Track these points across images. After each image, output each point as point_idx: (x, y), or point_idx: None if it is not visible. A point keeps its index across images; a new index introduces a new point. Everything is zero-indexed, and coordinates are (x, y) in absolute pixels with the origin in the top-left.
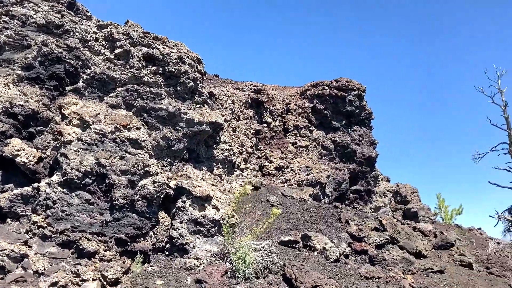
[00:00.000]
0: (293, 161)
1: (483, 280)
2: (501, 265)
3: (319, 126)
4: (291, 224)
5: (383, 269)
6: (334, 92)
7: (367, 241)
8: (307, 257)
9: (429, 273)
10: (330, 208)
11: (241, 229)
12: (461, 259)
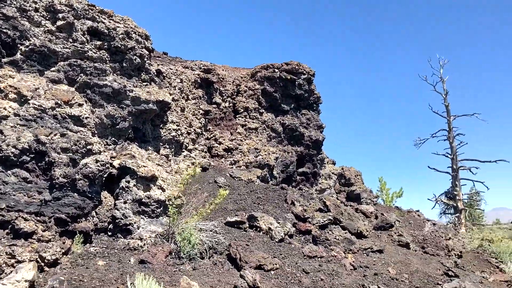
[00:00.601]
0: (242, 143)
1: (418, 259)
2: (435, 245)
3: (268, 108)
4: (238, 205)
5: (325, 248)
6: (284, 75)
7: (311, 221)
8: (252, 237)
9: (369, 252)
10: (277, 190)
11: (187, 210)
12: (399, 239)
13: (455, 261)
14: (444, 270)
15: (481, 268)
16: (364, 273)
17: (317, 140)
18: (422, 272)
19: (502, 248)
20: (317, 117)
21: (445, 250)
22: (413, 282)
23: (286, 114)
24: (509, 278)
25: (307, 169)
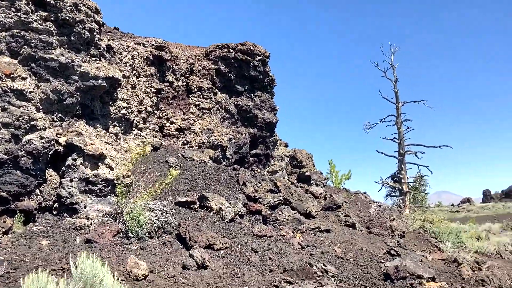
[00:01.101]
0: (195, 123)
1: (363, 239)
2: (380, 226)
3: (223, 89)
4: (189, 185)
5: (275, 228)
6: (239, 56)
7: (262, 202)
8: (203, 217)
9: (317, 232)
10: (229, 171)
11: (137, 189)
12: (346, 220)
13: (397, 241)
14: (387, 249)
15: (422, 247)
16: (311, 252)
17: (271, 122)
18: (367, 251)
19: (442, 229)
20: (271, 99)
21: (389, 230)
22: (358, 261)
23: (240, 95)
24: (446, 257)
25: (260, 151)
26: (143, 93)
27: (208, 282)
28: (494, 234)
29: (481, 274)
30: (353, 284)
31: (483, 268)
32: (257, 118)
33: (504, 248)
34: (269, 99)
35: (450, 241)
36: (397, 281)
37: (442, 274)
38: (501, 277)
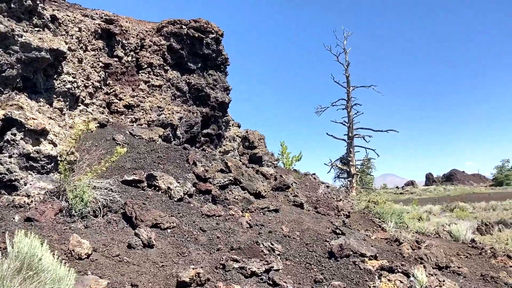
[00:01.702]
0: (144, 100)
1: (310, 218)
2: (327, 206)
3: (174, 66)
4: (137, 163)
5: (224, 207)
6: (192, 33)
7: (212, 181)
8: (150, 196)
9: (266, 211)
10: (179, 150)
11: (81, 166)
12: (294, 200)
13: (343, 221)
14: (333, 229)
15: (366, 227)
16: (260, 231)
17: (223, 102)
18: (313, 230)
19: (385, 210)
20: (224, 79)
21: (335, 210)
22: (304, 239)
23: (192, 73)
24: (388, 236)
25: (212, 131)
26: (90, 67)
27: (154, 261)
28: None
29: (420, 252)
30: (298, 262)
31: (422, 246)
32: (209, 97)
33: (442, 228)
34: (222, 78)
35: (392, 221)
36: (341, 259)
37: (384, 253)
38: (438, 255)
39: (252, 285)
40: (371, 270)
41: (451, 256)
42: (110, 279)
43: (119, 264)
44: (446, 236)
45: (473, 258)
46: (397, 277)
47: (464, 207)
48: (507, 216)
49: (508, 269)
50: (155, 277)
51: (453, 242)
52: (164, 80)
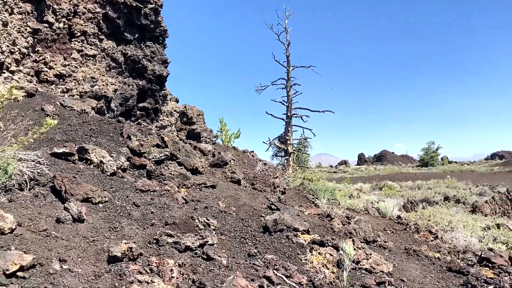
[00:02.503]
0: (77, 70)
1: (247, 194)
2: (263, 182)
3: (110, 36)
4: (68, 136)
5: (159, 183)
6: (129, 2)
7: (147, 156)
8: (82, 170)
9: (202, 187)
10: (113, 123)
11: (5, 137)
12: (232, 176)
13: (278, 197)
14: (268, 204)
15: (300, 203)
16: (195, 206)
17: (161, 75)
18: (249, 205)
19: (319, 187)
20: (163, 51)
21: (271, 187)
22: (240, 215)
23: (129, 44)
24: (321, 212)
25: (148, 105)
26: (16, 32)
27: (84, 236)
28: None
29: (350, 227)
30: (233, 236)
31: (351, 222)
32: (146, 69)
33: (371, 205)
34: (160, 51)
35: (325, 198)
36: (275, 233)
37: (316, 227)
38: (366, 230)
39: (186, 259)
40: (303, 244)
41: (378, 231)
42: (36, 254)
43: (46, 239)
44: (374, 213)
45: (398, 233)
46: (327, 250)
47: (392, 185)
48: (431, 195)
49: (429, 243)
50: (85, 252)
51: (380, 218)
52: (98, 50)
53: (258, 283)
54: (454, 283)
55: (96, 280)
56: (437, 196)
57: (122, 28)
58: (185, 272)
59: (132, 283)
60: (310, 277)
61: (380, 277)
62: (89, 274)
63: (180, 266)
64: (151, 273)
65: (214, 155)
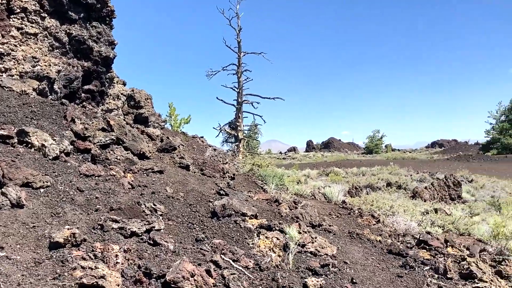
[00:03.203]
0: (16, 48)
1: (196, 180)
2: (213, 168)
3: (53, 14)
4: (6, 118)
5: (104, 168)
6: None
7: (92, 140)
8: (21, 154)
9: (150, 172)
10: (56, 105)
11: None
12: (180, 162)
13: (228, 183)
14: (217, 190)
15: (249, 188)
16: (142, 191)
17: (107, 57)
18: (198, 191)
19: (268, 172)
20: (109, 32)
21: (220, 172)
22: (188, 200)
23: (74, 24)
24: (269, 197)
25: (94, 87)
26: None
27: (23, 222)
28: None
29: (297, 212)
30: (181, 222)
31: (298, 207)
32: (92, 51)
33: (318, 191)
34: (107, 32)
35: (274, 183)
36: (223, 218)
37: (264, 212)
38: (312, 214)
39: (132, 245)
40: (251, 228)
41: (324, 216)
42: None
43: None
44: (321, 198)
45: (343, 217)
46: (274, 234)
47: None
48: (374, 181)
49: (371, 227)
50: (24, 239)
51: (326, 203)
52: (40, 29)
53: (205, 268)
54: (393, 265)
55: (36, 267)
56: (380, 182)
57: (67, 6)
58: (130, 258)
59: (75, 269)
60: (257, 260)
61: (325, 260)
62: (29, 261)
63: (126, 251)
64: (95, 259)
65: (162, 140)
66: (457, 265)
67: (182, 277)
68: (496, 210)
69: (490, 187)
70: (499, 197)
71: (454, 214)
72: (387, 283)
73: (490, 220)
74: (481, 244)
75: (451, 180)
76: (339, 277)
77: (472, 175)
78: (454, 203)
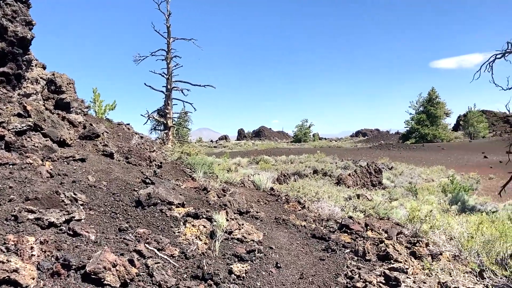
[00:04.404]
0: None
1: (120, 168)
2: (139, 156)
3: None
4: None
5: (20, 155)
6: None
7: (6, 126)
8: None
9: (70, 161)
10: None
11: None
12: (104, 149)
13: (154, 171)
14: (143, 178)
15: (177, 177)
16: (62, 180)
17: (24, 38)
18: (122, 180)
19: (197, 160)
20: (27, 11)
21: (147, 161)
22: (111, 189)
23: None
24: (198, 185)
25: (9, 70)
26: None
27: None
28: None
29: (225, 199)
30: (103, 211)
31: (227, 194)
32: (6, 30)
33: (247, 178)
34: (24, 11)
35: (202, 171)
36: (148, 207)
37: (192, 200)
38: (240, 201)
39: (50, 236)
40: (177, 217)
41: (252, 203)
42: None
43: None
44: (250, 185)
45: (271, 204)
46: (201, 222)
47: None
48: (302, 168)
49: (297, 212)
50: None
51: (255, 191)
52: None
53: (128, 257)
54: (316, 248)
55: None
56: (307, 169)
57: None
58: (47, 250)
59: None
60: (182, 249)
61: (251, 246)
62: None
63: (42, 243)
64: (8, 252)
65: (85, 126)
66: (376, 247)
67: (104, 268)
68: (413, 195)
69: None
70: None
71: (375, 200)
72: (310, 266)
73: (407, 204)
74: (398, 227)
75: (373, 168)
76: (264, 262)
77: (392, 163)
78: (375, 189)
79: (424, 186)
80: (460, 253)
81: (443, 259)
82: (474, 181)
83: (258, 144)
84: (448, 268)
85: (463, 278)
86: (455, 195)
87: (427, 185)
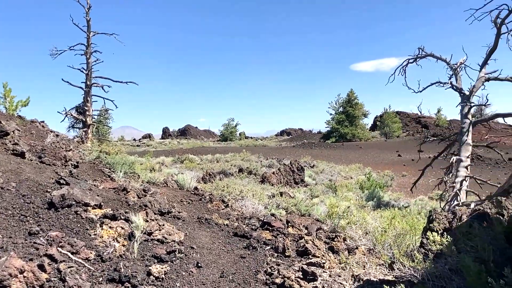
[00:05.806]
0: None
1: (32, 168)
2: (54, 155)
3: None
4: None
5: None
6: None
7: None
8: None
9: None
10: None
11: None
12: (14, 148)
13: (70, 171)
14: (57, 179)
15: (95, 177)
16: None
17: None
18: (34, 180)
19: (116, 160)
20: None
21: (62, 160)
22: (21, 190)
23: None
24: (117, 186)
25: None
26: None
27: None
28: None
29: (145, 200)
30: (11, 214)
31: (148, 194)
32: None
33: (171, 178)
34: None
35: (122, 171)
36: (62, 209)
37: (110, 202)
38: (161, 201)
39: None
40: (93, 218)
41: (174, 203)
42: None
43: None
44: (173, 185)
45: (194, 203)
46: (119, 224)
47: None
48: (227, 167)
49: (220, 211)
50: None
51: (179, 190)
52: None
53: (38, 262)
54: (238, 246)
55: None
56: (233, 168)
57: None
58: None
59: None
60: (98, 251)
61: (171, 246)
62: None
63: None
64: None
65: None
66: (295, 244)
67: (9, 275)
68: (333, 192)
69: (328, 172)
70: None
71: (297, 197)
72: (231, 264)
73: (327, 201)
74: (318, 223)
75: (296, 166)
76: (185, 262)
77: (314, 161)
78: (298, 186)
79: (343, 183)
80: (374, 247)
81: (359, 252)
82: (389, 178)
83: (184, 143)
84: (363, 261)
85: (375, 270)
86: (371, 191)
87: (346, 182)
